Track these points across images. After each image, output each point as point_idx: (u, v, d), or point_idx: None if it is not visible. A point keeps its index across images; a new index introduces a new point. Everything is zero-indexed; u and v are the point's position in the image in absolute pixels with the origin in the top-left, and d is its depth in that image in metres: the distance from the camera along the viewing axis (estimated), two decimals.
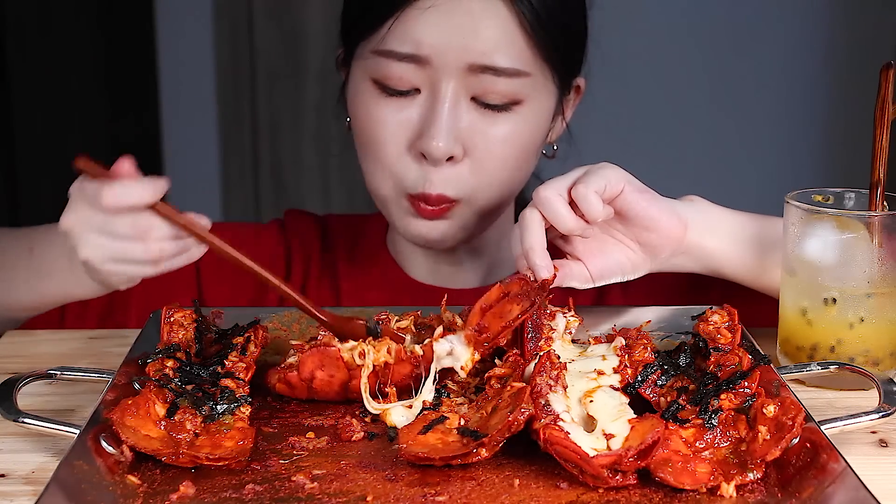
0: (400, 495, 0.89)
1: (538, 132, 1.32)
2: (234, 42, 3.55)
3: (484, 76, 1.24)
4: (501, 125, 1.27)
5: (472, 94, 1.26)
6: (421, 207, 1.29)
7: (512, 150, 1.29)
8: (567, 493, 0.90)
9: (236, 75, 3.57)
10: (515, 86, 1.26)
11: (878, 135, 1.14)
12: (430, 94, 1.26)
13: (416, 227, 1.31)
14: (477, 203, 1.31)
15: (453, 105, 1.25)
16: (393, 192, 1.30)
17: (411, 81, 1.26)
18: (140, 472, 0.92)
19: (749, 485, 0.90)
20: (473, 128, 1.26)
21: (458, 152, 1.26)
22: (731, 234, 1.22)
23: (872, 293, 1.13)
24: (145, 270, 1.08)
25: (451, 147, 1.25)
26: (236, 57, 3.56)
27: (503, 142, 1.28)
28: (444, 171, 1.27)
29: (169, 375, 1.02)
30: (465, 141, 1.26)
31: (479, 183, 1.29)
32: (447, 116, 1.24)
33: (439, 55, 1.23)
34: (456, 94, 1.25)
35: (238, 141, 3.61)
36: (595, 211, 1.11)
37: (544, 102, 1.31)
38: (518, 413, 0.92)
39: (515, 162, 1.30)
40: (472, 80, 1.25)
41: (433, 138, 1.24)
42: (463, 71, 1.24)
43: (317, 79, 3.53)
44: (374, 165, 1.30)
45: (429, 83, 1.26)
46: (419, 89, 1.26)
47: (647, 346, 1.08)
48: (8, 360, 1.24)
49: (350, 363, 1.06)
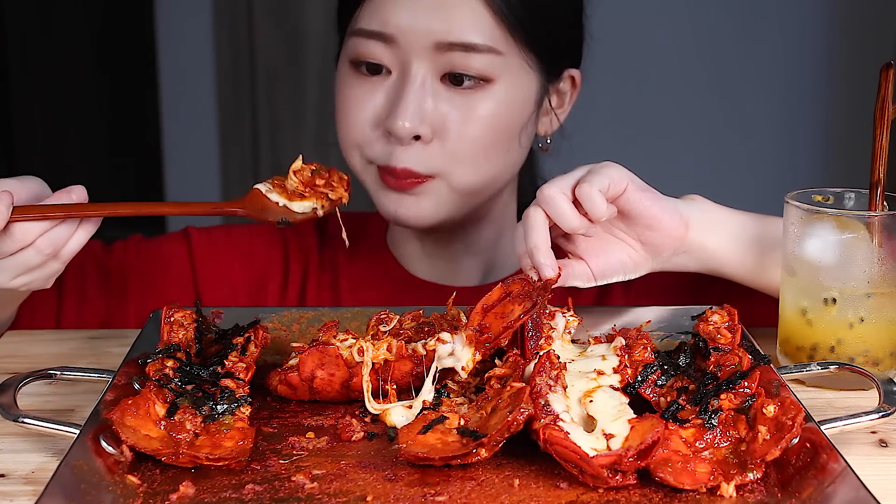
0: (400, 495, 0.89)
1: (514, 115, 1.32)
2: (234, 42, 3.55)
3: (453, 54, 1.26)
4: (472, 105, 1.29)
5: (442, 73, 1.28)
6: (387, 178, 1.31)
7: (484, 131, 1.30)
8: (567, 493, 0.90)
9: (236, 75, 3.57)
10: (485, 62, 1.27)
11: (878, 135, 1.14)
12: (399, 75, 1.29)
13: (387, 201, 1.33)
14: (453, 182, 1.32)
15: (420, 85, 1.27)
16: (361, 163, 1.34)
17: (382, 61, 1.29)
18: (140, 472, 0.92)
19: (749, 485, 0.90)
20: (442, 109, 1.28)
21: (426, 132, 1.28)
22: (732, 233, 1.22)
23: (872, 293, 1.13)
24: (51, 268, 1.12)
25: (417, 126, 1.27)
26: (236, 57, 3.56)
27: (475, 121, 1.29)
28: (411, 149, 1.29)
29: (169, 375, 1.02)
30: (435, 121, 1.28)
31: (451, 162, 1.30)
32: (413, 96, 1.27)
33: (405, 34, 1.26)
34: (424, 75, 1.28)
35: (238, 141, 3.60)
36: (599, 210, 1.12)
37: (520, 85, 1.31)
38: (518, 413, 0.92)
39: (490, 142, 1.31)
40: (442, 60, 1.27)
41: (398, 118, 1.27)
42: (431, 51, 1.26)
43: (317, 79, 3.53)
44: (345, 142, 1.34)
45: (398, 64, 1.29)
46: (391, 70, 1.30)
47: (647, 346, 1.08)
48: (8, 360, 1.24)
49: (350, 361, 1.06)
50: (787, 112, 3.43)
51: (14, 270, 1.11)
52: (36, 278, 1.13)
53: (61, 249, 1.11)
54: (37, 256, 1.10)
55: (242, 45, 3.55)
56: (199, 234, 1.48)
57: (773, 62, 3.40)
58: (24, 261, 1.10)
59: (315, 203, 1.17)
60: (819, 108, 3.43)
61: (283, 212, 1.17)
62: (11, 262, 1.10)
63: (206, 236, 1.48)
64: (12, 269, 1.11)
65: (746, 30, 3.38)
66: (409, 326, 1.13)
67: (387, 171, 1.30)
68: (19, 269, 1.11)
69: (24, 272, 1.12)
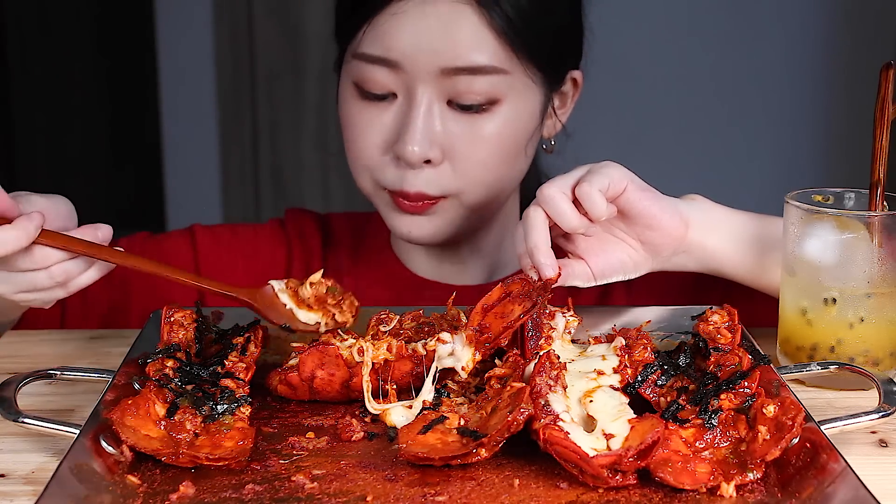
0: (400, 495, 0.89)
1: (520, 131, 1.32)
2: (234, 42, 3.55)
3: (458, 78, 1.25)
4: (480, 126, 1.28)
5: (449, 97, 1.27)
6: (400, 202, 1.31)
7: (493, 151, 1.30)
8: (567, 493, 0.90)
9: (236, 75, 3.57)
10: (492, 84, 1.27)
11: (878, 135, 1.14)
12: (405, 100, 1.28)
13: (401, 223, 1.33)
14: (465, 200, 1.32)
15: (428, 109, 1.26)
16: (373, 187, 1.33)
17: (387, 86, 1.28)
18: (140, 472, 0.92)
19: (749, 485, 0.90)
20: (451, 131, 1.28)
21: (436, 156, 1.27)
22: (732, 233, 1.22)
23: (872, 293, 1.13)
24: (55, 294, 1.13)
25: (427, 151, 1.26)
26: (236, 57, 3.56)
27: (484, 143, 1.29)
28: (422, 174, 1.28)
29: (169, 375, 1.02)
30: (444, 144, 1.28)
31: (462, 183, 1.30)
32: (422, 121, 1.26)
33: (410, 60, 1.25)
34: (430, 99, 1.26)
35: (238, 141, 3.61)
36: (599, 209, 1.12)
37: (526, 101, 1.31)
38: (517, 413, 0.92)
39: (499, 162, 1.31)
40: (447, 84, 1.26)
41: (408, 143, 1.26)
42: (436, 75, 1.25)
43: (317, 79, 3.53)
44: (355, 165, 1.34)
45: (404, 88, 1.27)
46: (396, 94, 1.28)
47: (647, 346, 1.08)
48: (8, 360, 1.24)
49: (350, 361, 1.06)
50: (787, 112, 3.44)
51: (21, 286, 1.12)
52: (38, 298, 1.14)
53: (72, 281, 1.13)
54: (47, 281, 1.11)
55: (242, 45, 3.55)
56: (203, 232, 1.48)
57: (773, 62, 3.40)
58: (33, 281, 1.11)
59: (320, 318, 1.17)
60: (819, 108, 3.43)
61: (288, 316, 1.17)
62: (21, 278, 1.11)
63: (210, 234, 1.48)
64: (19, 285, 1.12)
65: (747, 30, 3.38)
66: (409, 326, 1.13)
67: (400, 195, 1.30)
68: (26, 286, 1.12)
69: (29, 290, 1.12)
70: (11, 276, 1.11)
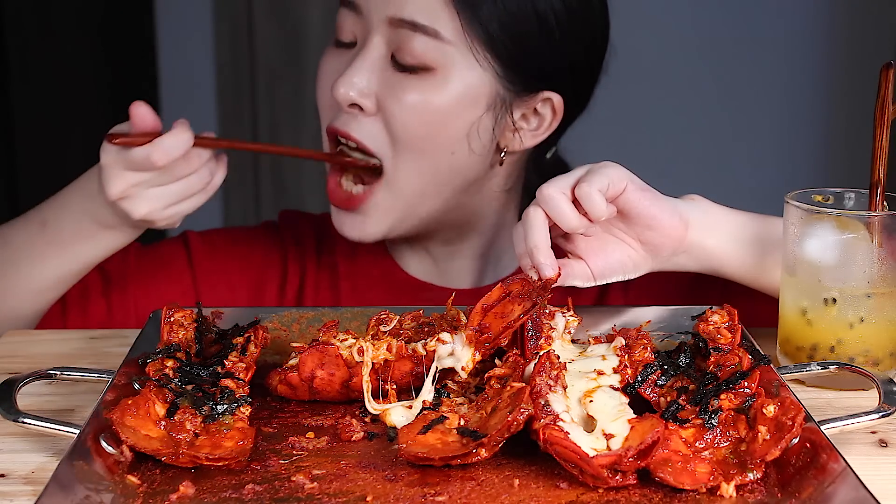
0: (400, 495, 0.89)
1: (452, 108, 1.31)
2: (234, 42, 3.55)
3: (402, 31, 1.28)
4: (410, 88, 1.30)
5: (392, 50, 1.30)
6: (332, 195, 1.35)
7: (420, 119, 1.30)
8: (567, 493, 0.90)
9: (236, 75, 3.57)
10: (429, 47, 1.28)
11: (878, 135, 1.14)
12: (358, 47, 1.33)
13: (336, 219, 1.37)
14: (395, 186, 1.33)
15: (370, 57, 1.30)
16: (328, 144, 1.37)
17: (352, 31, 1.33)
18: (140, 472, 0.92)
19: (749, 485, 0.90)
20: (385, 85, 1.30)
21: (367, 105, 1.31)
22: (732, 233, 1.22)
23: (872, 293, 1.13)
24: (199, 200, 1.25)
25: (354, 95, 1.30)
26: (236, 57, 3.55)
27: (410, 106, 1.30)
28: (354, 119, 1.32)
29: (169, 375, 1.02)
30: (379, 97, 1.30)
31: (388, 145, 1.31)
32: (358, 66, 1.30)
33: (366, 3, 1.30)
34: (378, 48, 1.30)
35: None
36: (599, 209, 1.11)
37: (466, 82, 1.30)
38: (517, 413, 0.92)
39: (425, 133, 1.31)
40: (393, 35, 1.29)
41: (337, 84, 1.30)
42: (386, 24, 1.29)
43: None
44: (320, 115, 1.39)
45: (362, 36, 1.32)
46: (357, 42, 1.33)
47: (647, 346, 1.08)
48: (8, 360, 1.24)
49: (350, 361, 1.06)
50: (787, 112, 3.43)
51: (172, 197, 1.21)
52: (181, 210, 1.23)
53: (211, 182, 1.24)
54: (199, 183, 1.22)
55: (242, 45, 3.55)
56: (196, 238, 1.48)
57: (773, 62, 3.40)
58: (187, 185, 1.21)
59: None
60: (819, 108, 3.43)
61: None
62: (173, 189, 1.20)
63: (204, 239, 1.48)
64: (171, 196, 1.21)
65: (747, 30, 3.38)
66: (409, 326, 1.13)
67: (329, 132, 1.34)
68: (179, 195, 1.21)
69: (180, 200, 1.22)
70: (165, 189, 1.20)
